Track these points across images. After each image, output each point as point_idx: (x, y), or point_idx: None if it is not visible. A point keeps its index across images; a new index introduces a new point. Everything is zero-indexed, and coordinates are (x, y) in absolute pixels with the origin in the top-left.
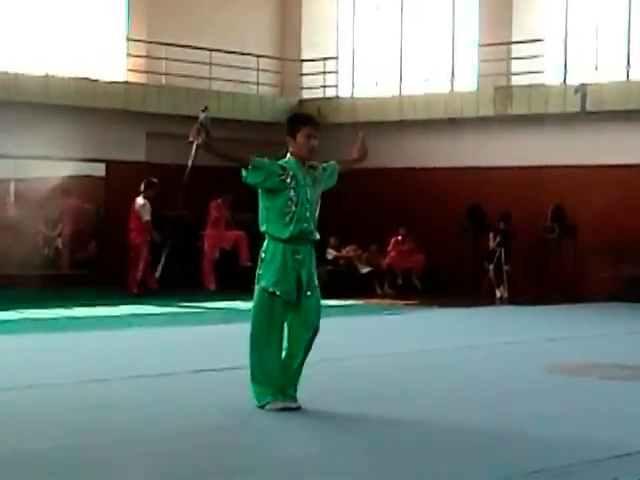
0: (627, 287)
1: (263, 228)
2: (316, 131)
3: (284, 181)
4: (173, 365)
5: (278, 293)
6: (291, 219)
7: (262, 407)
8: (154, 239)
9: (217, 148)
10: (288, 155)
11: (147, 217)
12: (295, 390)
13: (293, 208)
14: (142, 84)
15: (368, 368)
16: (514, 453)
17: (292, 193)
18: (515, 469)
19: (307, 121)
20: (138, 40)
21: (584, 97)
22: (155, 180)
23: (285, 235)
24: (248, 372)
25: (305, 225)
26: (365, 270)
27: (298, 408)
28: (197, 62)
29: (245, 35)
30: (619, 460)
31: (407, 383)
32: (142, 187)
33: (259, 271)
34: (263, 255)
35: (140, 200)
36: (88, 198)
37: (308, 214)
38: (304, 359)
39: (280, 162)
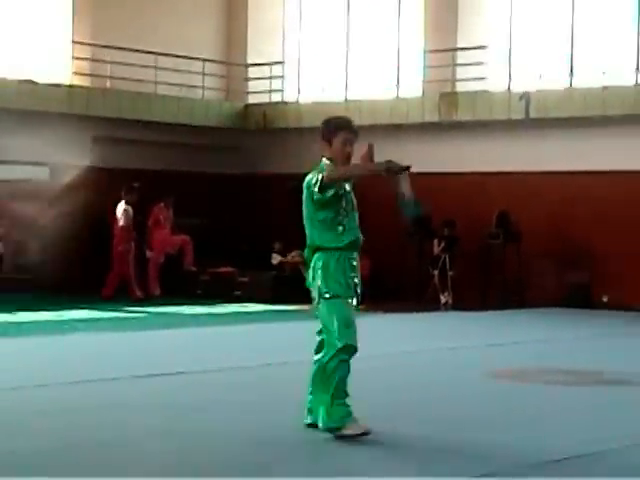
0: (570, 293)
1: (317, 242)
2: (354, 137)
3: (337, 190)
4: (118, 370)
5: (348, 298)
6: (344, 228)
7: (339, 430)
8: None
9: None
10: (326, 161)
11: (121, 223)
12: None
13: (345, 217)
14: (87, 87)
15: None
16: (455, 458)
17: (343, 202)
18: (455, 473)
19: (344, 126)
20: (83, 43)
21: (528, 104)
22: (136, 184)
23: (341, 244)
24: (329, 395)
25: (358, 233)
26: None
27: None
28: (143, 66)
29: (191, 39)
30: (559, 464)
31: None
32: (123, 192)
33: (318, 284)
34: (320, 270)
35: (120, 206)
36: (32, 202)
37: (357, 221)
38: None
39: (321, 169)
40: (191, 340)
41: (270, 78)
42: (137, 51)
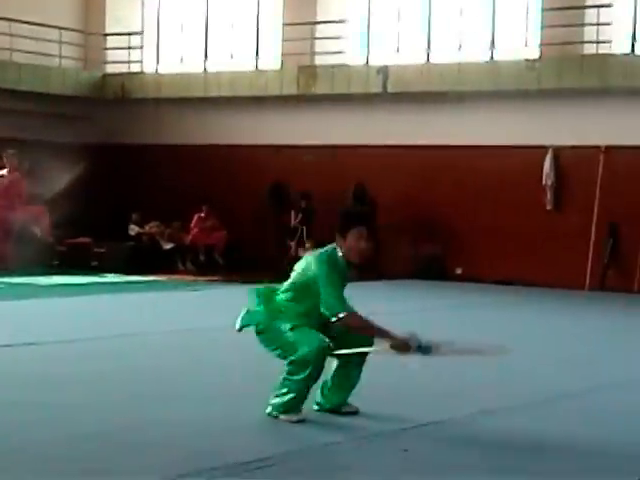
0: (425, 265)
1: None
2: (370, 232)
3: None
4: None
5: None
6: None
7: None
8: None
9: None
10: (339, 253)
11: None
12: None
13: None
14: None
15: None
16: (302, 429)
17: None
18: (304, 443)
19: (359, 220)
20: None
21: (386, 78)
22: (11, 151)
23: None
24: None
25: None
26: (168, 246)
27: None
28: None
29: (47, 6)
30: (408, 432)
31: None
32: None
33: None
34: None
35: None
36: None
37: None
38: None
39: (338, 261)
40: (45, 311)
41: (129, 48)
42: None
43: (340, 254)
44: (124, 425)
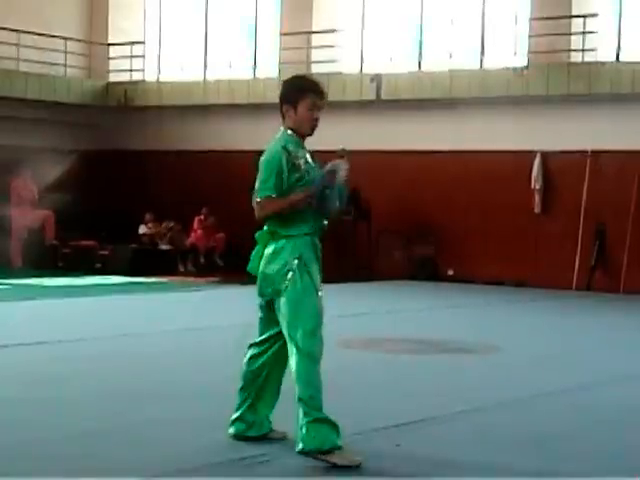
0: (417, 266)
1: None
2: (323, 102)
3: (298, 168)
4: None
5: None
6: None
7: (327, 453)
8: None
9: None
10: (287, 132)
11: None
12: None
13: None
14: None
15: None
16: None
17: (307, 178)
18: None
19: (313, 88)
20: None
21: (379, 86)
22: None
23: (306, 230)
24: (302, 409)
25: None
26: (165, 247)
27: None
28: (4, 43)
29: (53, 18)
30: (401, 428)
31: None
32: None
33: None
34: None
35: None
36: None
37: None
38: None
39: (282, 144)
40: (50, 311)
41: (131, 57)
42: None
43: (291, 133)
44: (123, 423)
